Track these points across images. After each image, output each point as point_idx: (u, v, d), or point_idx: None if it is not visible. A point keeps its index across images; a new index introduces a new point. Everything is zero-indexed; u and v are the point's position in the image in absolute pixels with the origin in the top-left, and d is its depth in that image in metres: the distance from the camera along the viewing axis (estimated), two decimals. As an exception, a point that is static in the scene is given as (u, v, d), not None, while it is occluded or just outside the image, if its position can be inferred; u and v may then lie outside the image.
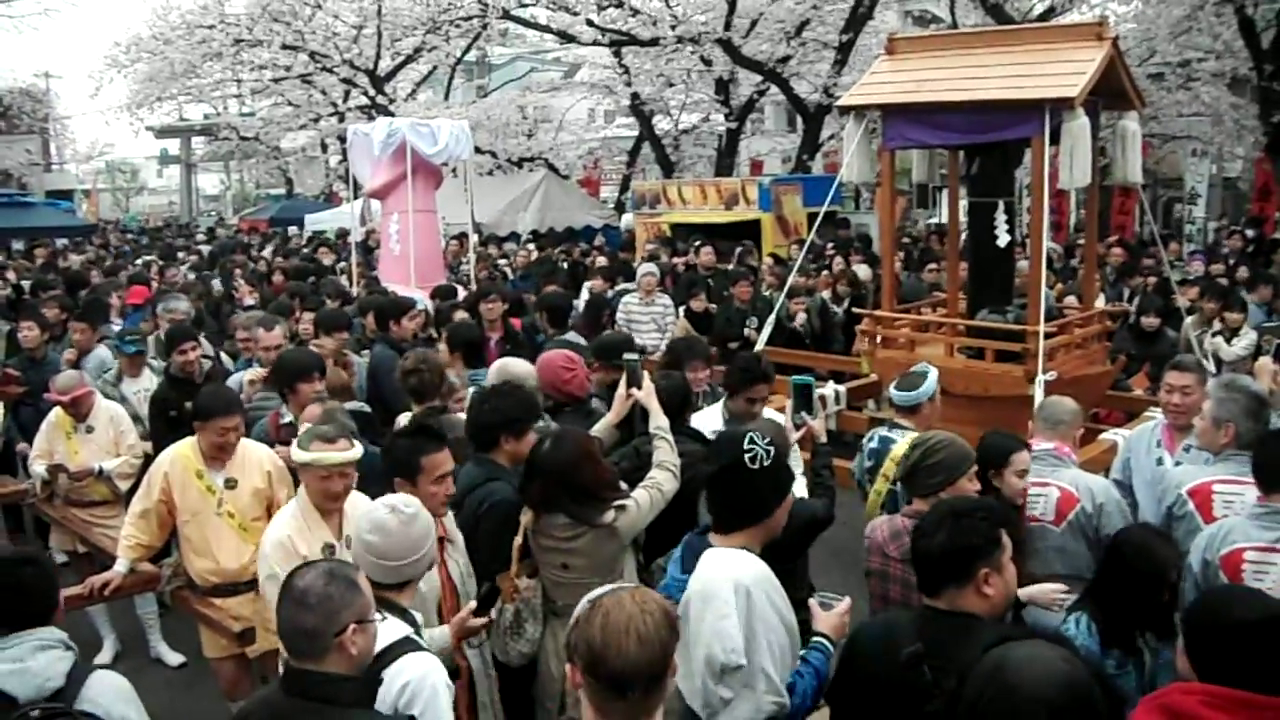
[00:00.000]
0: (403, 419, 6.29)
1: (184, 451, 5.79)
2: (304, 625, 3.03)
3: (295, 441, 4.80)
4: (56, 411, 7.25)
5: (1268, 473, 4.36)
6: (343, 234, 20.98)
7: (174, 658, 7.44)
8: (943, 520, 3.43)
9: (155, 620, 7.47)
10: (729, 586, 3.65)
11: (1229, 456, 4.93)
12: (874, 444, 5.93)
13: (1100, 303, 9.91)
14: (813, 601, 3.92)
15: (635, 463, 5.15)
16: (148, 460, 6.43)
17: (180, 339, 7.84)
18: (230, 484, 5.73)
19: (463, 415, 5.84)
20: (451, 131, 13.18)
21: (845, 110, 8.57)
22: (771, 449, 3.91)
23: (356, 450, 4.76)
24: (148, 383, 8.10)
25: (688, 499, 4.77)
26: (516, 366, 6.30)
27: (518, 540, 4.57)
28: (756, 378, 5.86)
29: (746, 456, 3.84)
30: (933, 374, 5.92)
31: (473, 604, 4.36)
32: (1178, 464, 5.47)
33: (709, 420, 5.95)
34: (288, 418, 6.53)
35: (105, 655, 7.46)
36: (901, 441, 5.54)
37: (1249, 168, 24.14)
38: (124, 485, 7.14)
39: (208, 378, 7.63)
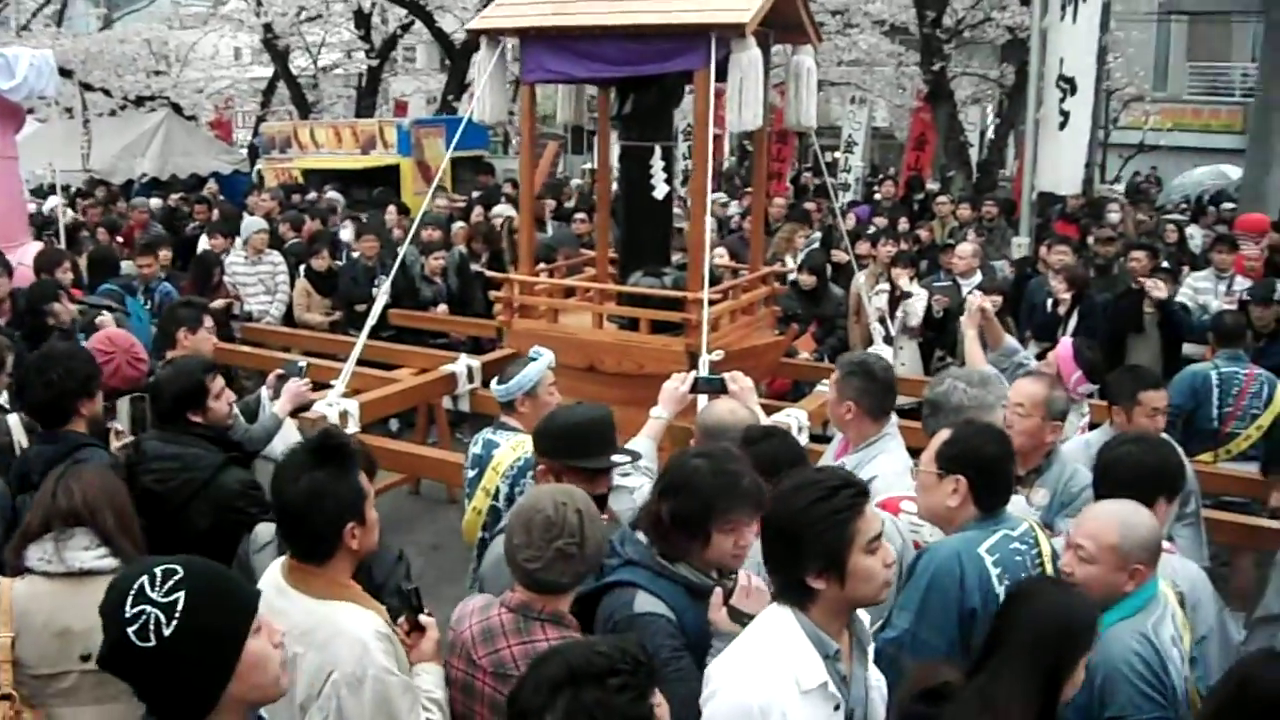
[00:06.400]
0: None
1: None
2: None
3: None
4: None
5: None
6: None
7: None
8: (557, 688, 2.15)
9: None
10: None
11: None
12: (477, 448, 4.78)
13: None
14: None
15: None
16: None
17: None
18: None
19: None
20: (32, 63, 10.90)
21: (476, 37, 7.32)
22: (179, 595, 2.10)
23: None
24: None
25: None
26: None
27: None
28: None
29: (131, 632, 2.08)
30: (541, 360, 4.80)
31: None
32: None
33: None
34: None
35: None
36: (505, 446, 4.57)
37: (901, 116, 24.46)
38: None
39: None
